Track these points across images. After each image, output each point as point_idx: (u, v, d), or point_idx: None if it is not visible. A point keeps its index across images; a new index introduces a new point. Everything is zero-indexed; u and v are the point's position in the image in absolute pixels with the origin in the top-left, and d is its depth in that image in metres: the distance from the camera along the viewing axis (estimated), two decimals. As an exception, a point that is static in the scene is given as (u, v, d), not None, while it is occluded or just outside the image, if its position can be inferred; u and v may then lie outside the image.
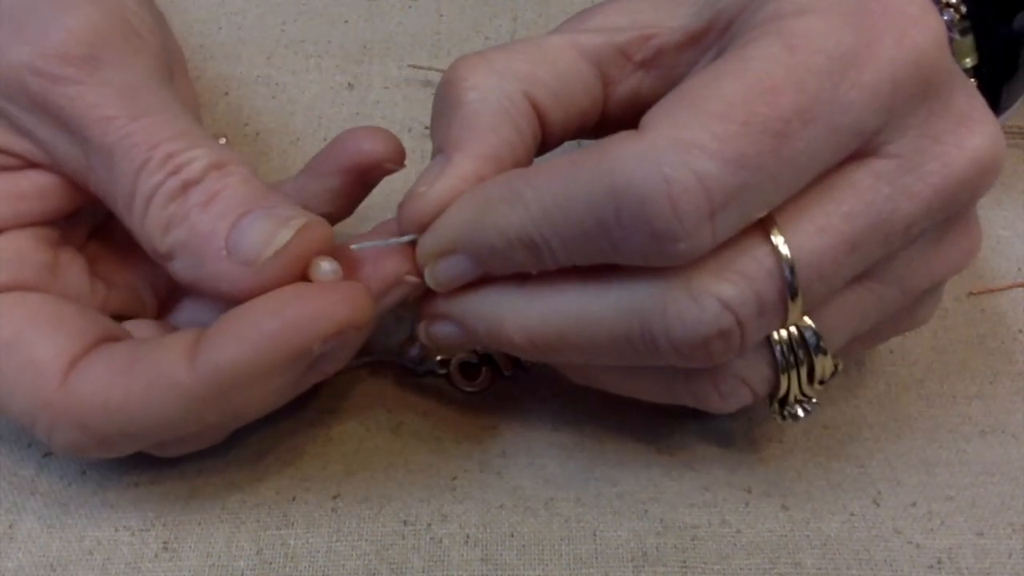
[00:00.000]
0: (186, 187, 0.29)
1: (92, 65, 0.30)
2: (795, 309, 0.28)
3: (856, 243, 0.27)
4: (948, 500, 0.33)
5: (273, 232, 0.29)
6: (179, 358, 0.28)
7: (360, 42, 0.49)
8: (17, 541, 0.31)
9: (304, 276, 0.29)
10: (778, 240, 0.27)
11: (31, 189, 0.31)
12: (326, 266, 0.29)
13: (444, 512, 0.32)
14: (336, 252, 0.30)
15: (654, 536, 0.31)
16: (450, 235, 0.29)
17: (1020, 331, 0.38)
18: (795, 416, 0.31)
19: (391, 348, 0.37)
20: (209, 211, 0.29)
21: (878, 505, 0.32)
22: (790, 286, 0.27)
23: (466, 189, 0.29)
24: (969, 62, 0.35)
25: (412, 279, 0.30)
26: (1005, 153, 0.28)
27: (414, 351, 0.36)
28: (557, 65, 0.31)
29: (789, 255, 0.27)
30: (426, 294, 0.31)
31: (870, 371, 0.37)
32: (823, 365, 0.30)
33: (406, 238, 0.30)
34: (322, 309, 0.28)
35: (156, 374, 0.28)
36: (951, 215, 0.29)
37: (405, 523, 0.32)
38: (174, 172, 0.29)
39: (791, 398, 0.31)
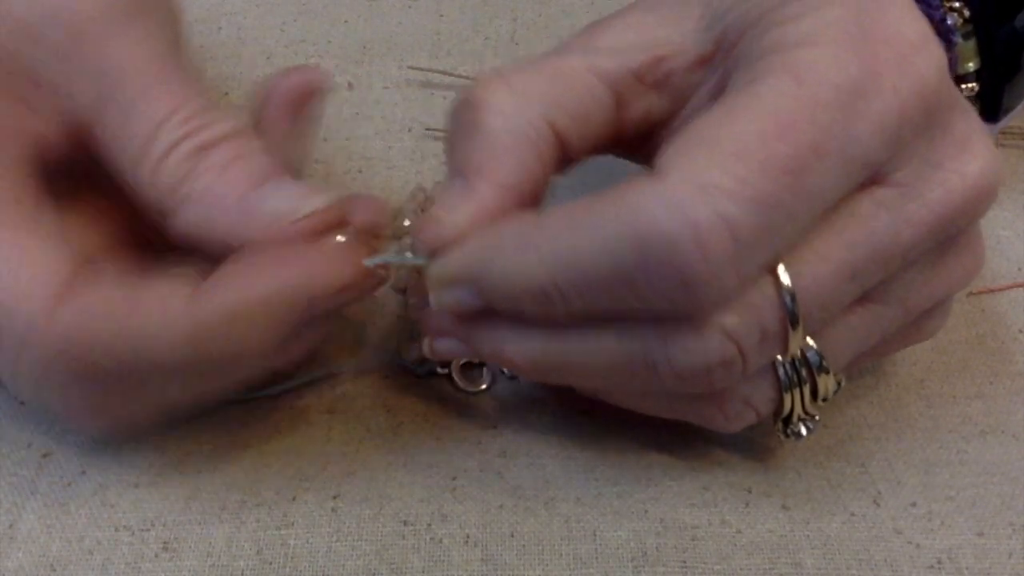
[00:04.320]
0: (208, 146, 0.30)
1: (128, 21, 0.31)
2: (796, 336, 0.28)
3: (856, 270, 0.28)
4: (948, 500, 0.33)
5: (305, 197, 0.30)
6: (177, 295, 0.28)
7: (360, 42, 0.49)
8: (17, 541, 0.31)
9: None
10: (780, 270, 0.27)
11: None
12: (342, 238, 0.30)
13: (444, 512, 0.32)
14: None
15: (654, 536, 0.31)
16: (459, 269, 0.29)
17: (1020, 331, 0.38)
18: (798, 434, 0.31)
19: (391, 349, 0.37)
20: (228, 172, 0.30)
21: (878, 505, 0.32)
22: (791, 314, 0.27)
23: (486, 219, 0.29)
24: (972, 66, 0.35)
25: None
26: (1002, 175, 0.29)
27: (414, 352, 0.36)
28: (576, 89, 0.30)
29: (791, 284, 0.27)
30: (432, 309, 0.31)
31: (870, 371, 0.37)
32: (826, 383, 0.30)
33: (420, 259, 0.30)
34: (330, 266, 0.29)
35: (151, 310, 0.28)
36: (952, 236, 0.29)
37: (405, 523, 0.32)
38: (197, 130, 0.30)
39: (794, 416, 0.31)
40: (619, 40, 0.31)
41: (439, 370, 0.36)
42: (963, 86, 0.35)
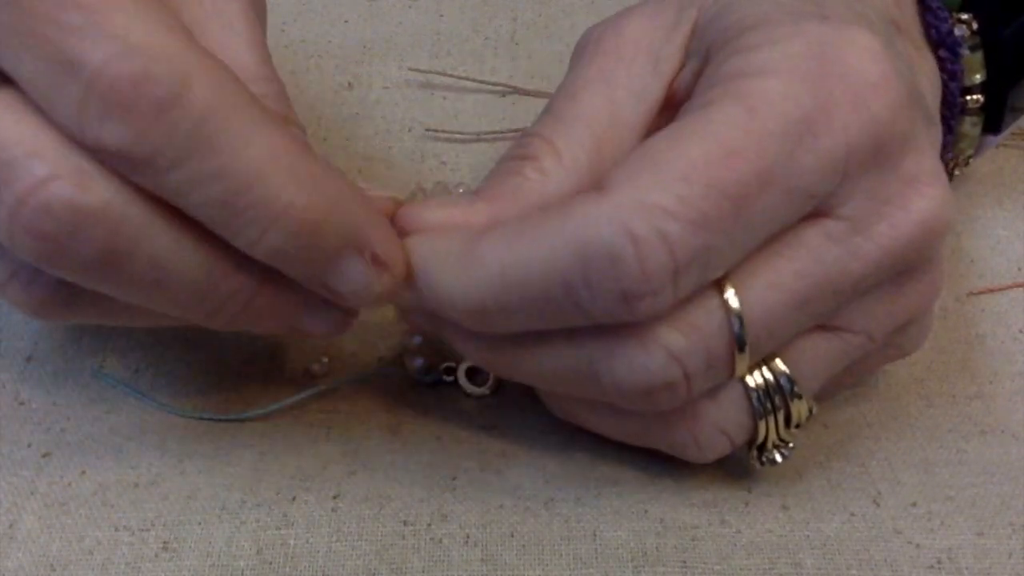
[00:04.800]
0: None
1: None
2: (742, 362, 0.28)
3: (805, 300, 0.28)
4: (948, 500, 0.33)
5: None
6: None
7: (360, 42, 0.49)
8: (17, 541, 0.31)
9: None
10: (730, 295, 0.28)
11: None
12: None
13: (444, 512, 0.32)
14: None
15: (654, 536, 0.31)
16: (411, 265, 0.29)
17: (1020, 331, 0.38)
18: (773, 461, 0.32)
19: (394, 360, 0.37)
20: None
21: (878, 505, 0.32)
22: (739, 339, 0.28)
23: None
24: (979, 78, 0.35)
25: None
26: (953, 213, 0.29)
27: (418, 362, 0.36)
28: (611, 154, 0.31)
29: (739, 309, 0.28)
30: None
31: (870, 371, 0.37)
32: (799, 409, 0.30)
33: None
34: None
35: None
36: (907, 269, 0.29)
37: (405, 523, 0.32)
38: None
39: (769, 444, 0.31)
40: (635, 72, 0.32)
41: (446, 378, 0.36)
42: (969, 97, 0.35)
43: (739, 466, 0.33)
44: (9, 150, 0.25)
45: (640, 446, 0.33)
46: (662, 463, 0.33)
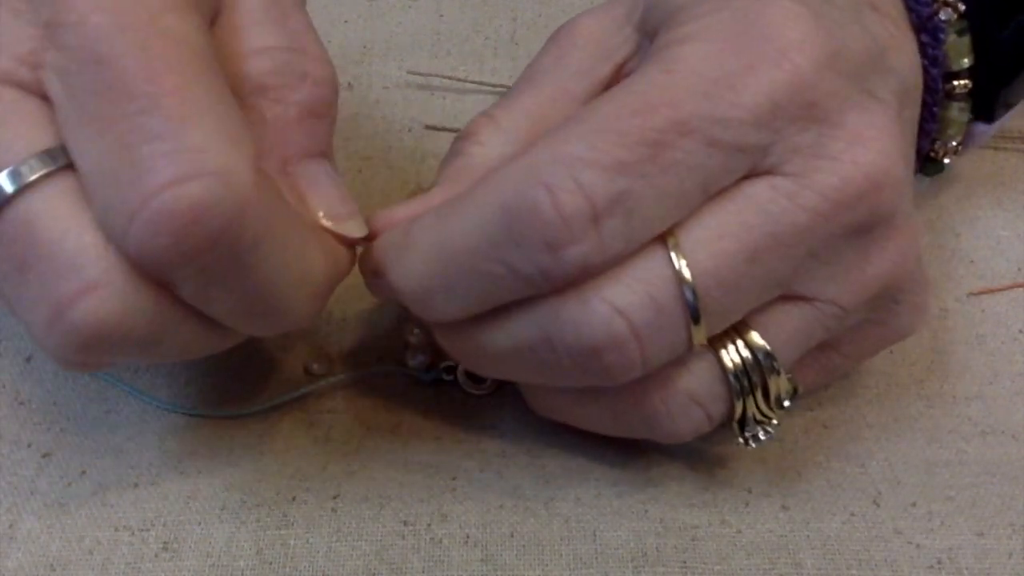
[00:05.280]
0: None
1: None
2: (699, 330, 0.28)
3: (755, 253, 0.28)
4: (948, 500, 0.33)
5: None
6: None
7: (360, 42, 0.49)
8: (17, 541, 0.31)
9: None
10: (672, 245, 0.28)
11: None
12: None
13: (444, 512, 0.32)
14: None
15: (654, 536, 0.31)
16: (369, 266, 0.31)
17: (1020, 331, 0.38)
18: (757, 439, 0.31)
19: (394, 358, 0.37)
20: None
21: (878, 505, 0.32)
22: (690, 294, 0.27)
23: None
24: (966, 63, 0.35)
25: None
26: (900, 167, 0.29)
27: (418, 360, 0.36)
28: (554, 119, 0.32)
29: (685, 261, 0.28)
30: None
31: (870, 371, 0.37)
32: (777, 384, 0.30)
33: None
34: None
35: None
36: (863, 228, 0.29)
37: (405, 523, 0.32)
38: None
39: (749, 419, 0.31)
40: (584, 54, 0.34)
41: (445, 376, 0.36)
42: (955, 83, 0.35)
43: (739, 466, 0.34)
44: (55, 245, 0.26)
45: (620, 436, 0.32)
46: (662, 463, 0.34)
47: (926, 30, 0.34)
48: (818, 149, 0.28)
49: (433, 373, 0.36)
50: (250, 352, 0.37)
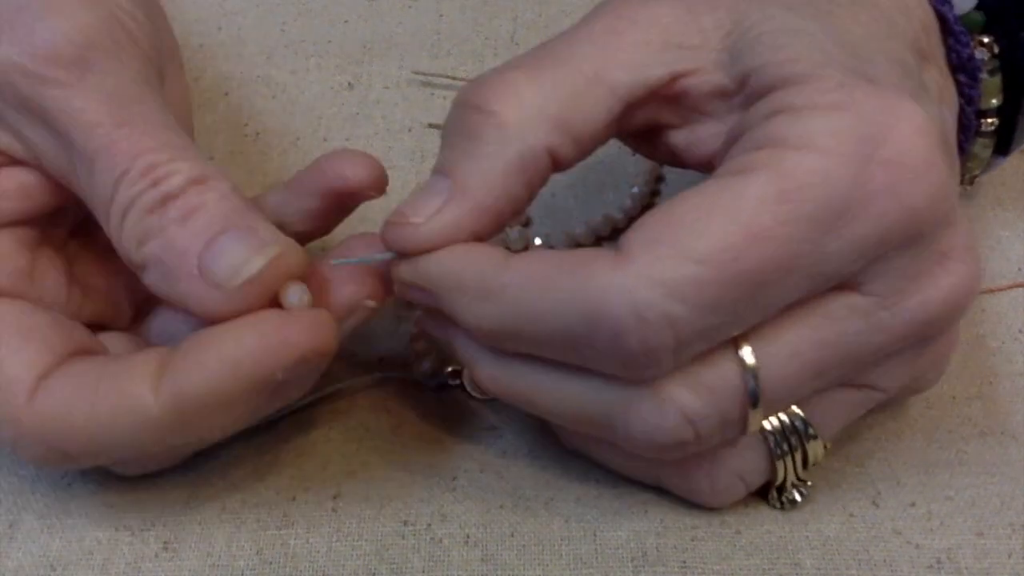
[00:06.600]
0: (165, 200, 0.29)
1: (81, 68, 0.29)
2: (755, 419, 0.28)
3: (823, 368, 0.28)
4: (948, 500, 0.33)
5: (247, 258, 0.28)
6: (144, 382, 0.28)
7: (360, 42, 0.49)
8: (17, 541, 0.31)
9: (275, 299, 0.29)
10: (746, 355, 0.27)
11: (14, 187, 0.31)
12: (293, 295, 0.29)
13: (444, 512, 0.32)
14: (312, 268, 0.30)
15: (654, 536, 0.31)
16: (424, 282, 0.29)
17: (1020, 331, 0.38)
18: (793, 501, 0.32)
19: (400, 363, 0.37)
20: (185, 227, 0.29)
21: (877, 505, 0.32)
22: (753, 398, 0.27)
23: (460, 237, 0.29)
24: (995, 102, 0.34)
25: (371, 304, 0.31)
26: (979, 284, 0.29)
27: (425, 366, 0.36)
28: (585, 108, 0.29)
29: (756, 371, 0.27)
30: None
31: (870, 371, 0.37)
32: (815, 450, 0.30)
33: (388, 255, 0.30)
34: (285, 337, 0.28)
35: (120, 397, 0.28)
36: (929, 339, 0.29)
37: (405, 523, 0.32)
38: (154, 184, 0.29)
39: (788, 484, 0.31)
40: (641, 40, 0.29)
41: (451, 382, 0.36)
42: (984, 120, 0.35)
43: (739, 466, 0.33)
44: None
45: (650, 484, 0.32)
46: (662, 463, 0.34)
47: (965, 70, 0.33)
48: (907, 269, 0.27)
49: (439, 378, 0.36)
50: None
